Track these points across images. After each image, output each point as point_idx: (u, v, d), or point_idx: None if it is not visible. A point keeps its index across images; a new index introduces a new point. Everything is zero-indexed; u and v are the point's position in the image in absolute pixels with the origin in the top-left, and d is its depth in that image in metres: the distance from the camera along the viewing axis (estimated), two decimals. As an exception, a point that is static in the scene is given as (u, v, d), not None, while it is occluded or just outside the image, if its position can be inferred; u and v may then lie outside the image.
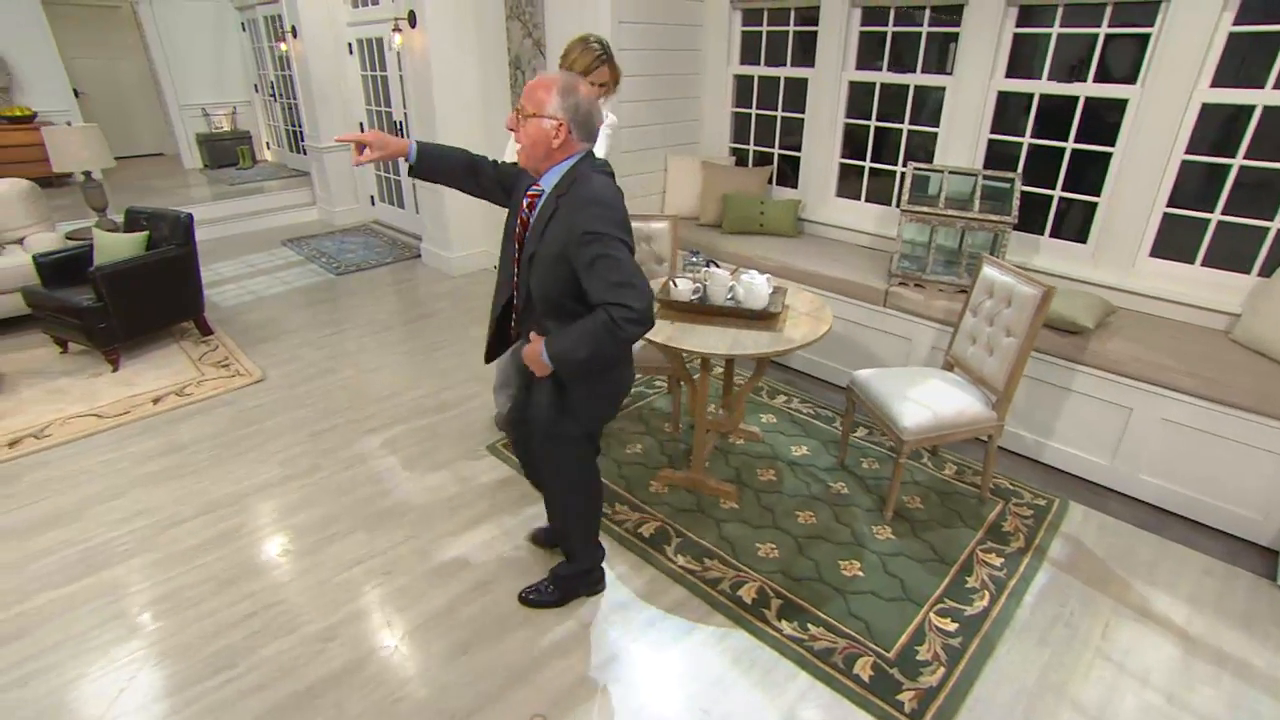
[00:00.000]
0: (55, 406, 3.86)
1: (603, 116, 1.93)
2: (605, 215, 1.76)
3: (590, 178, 1.83)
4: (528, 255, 1.90)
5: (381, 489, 3.05)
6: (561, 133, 1.79)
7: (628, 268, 1.75)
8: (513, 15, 4.70)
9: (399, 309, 5.12)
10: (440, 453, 3.32)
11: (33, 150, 8.28)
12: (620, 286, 1.72)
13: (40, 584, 2.56)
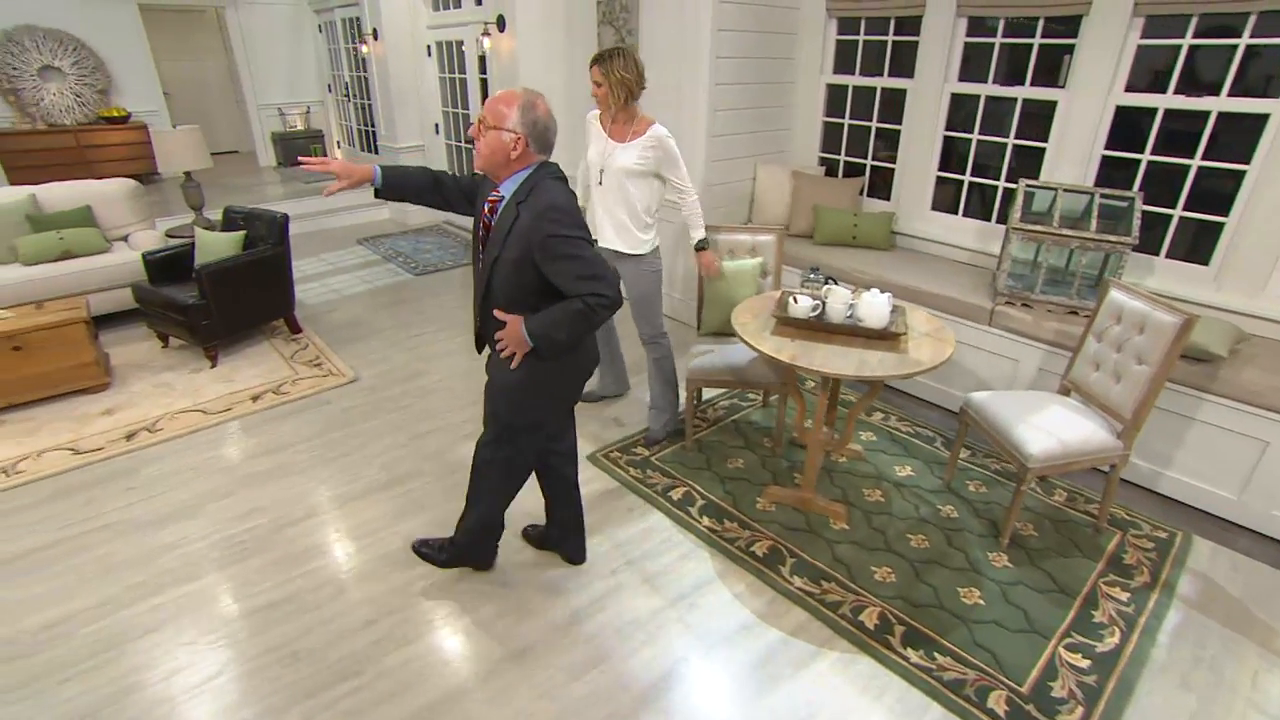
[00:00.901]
0: (163, 401, 3.98)
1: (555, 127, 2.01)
2: (565, 219, 1.91)
3: (547, 185, 1.96)
4: (491, 258, 2.03)
5: (485, 495, 3.07)
6: (519, 145, 1.94)
7: (593, 262, 1.93)
8: (605, 20, 4.70)
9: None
10: (542, 461, 3.33)
11: (127, 149, 8.62)
12: (590, 279, 1.91)
13: (170, 578, 2.64)
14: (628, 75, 3.01)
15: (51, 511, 3.04)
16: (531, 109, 1.94)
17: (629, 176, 3.15)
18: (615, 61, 3.02)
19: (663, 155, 3.14)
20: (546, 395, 2.22)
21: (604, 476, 3.22)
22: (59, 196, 5.11)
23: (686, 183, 3.22)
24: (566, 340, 2.01)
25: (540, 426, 2.29)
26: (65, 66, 8.34)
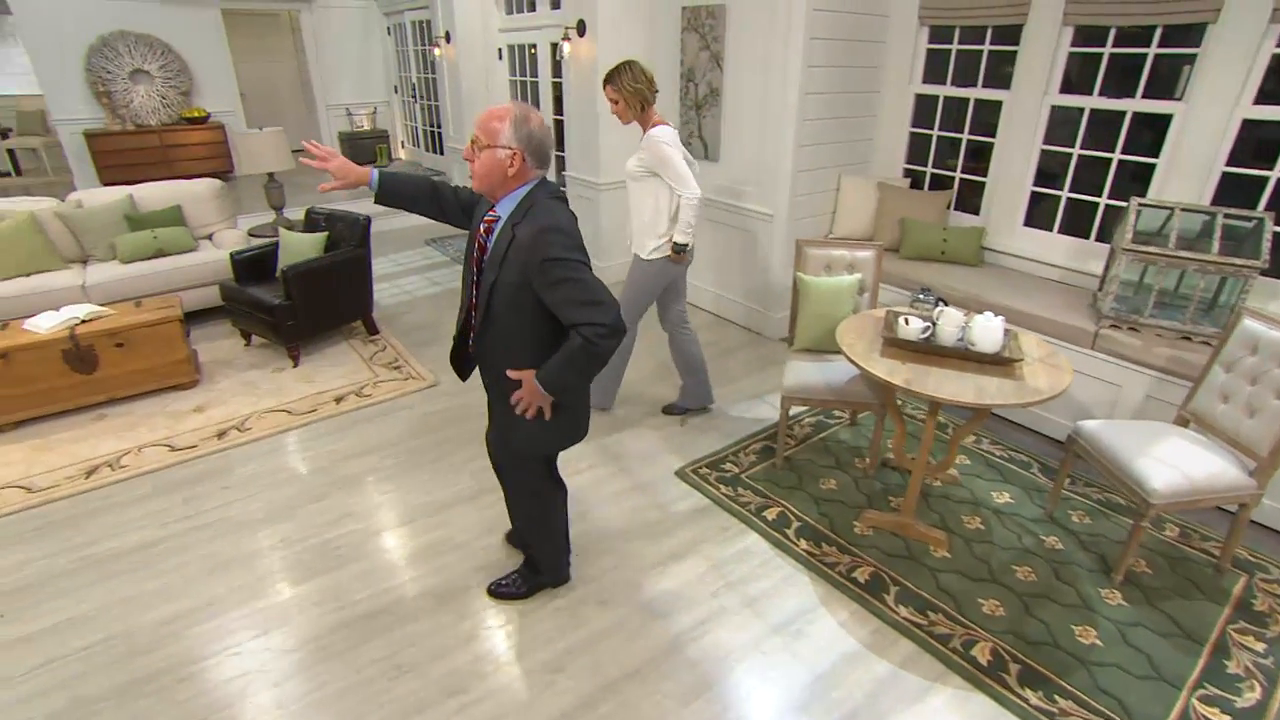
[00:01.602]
0: (250, 399, 4.06)
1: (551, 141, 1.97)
2: (563, 241, 1.83)
3: (546, 205, 1.90)
4: (488, 282, 1.96)
5: (579, 510, 3.05)
6: (516, 161, 1.87)
7: (590, 287, 1.84)
8: (690, 27, 4.66)
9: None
10: (628, 475, 3.31)
11: (205, 148, 8.90)
12: (588, 305, 1.82)
13: (272, 581, 2.67)
14: (639, 85, 3.14)
15: (155, 508, 3.12)
16: (525, 122, 1.87)
17: (631, 179, 3.29)
18: (624, 76, 3.12)
19: (653, 157, 3.19)
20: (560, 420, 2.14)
21: (694, 494, 3.17)
22: (152, 196, 5.26)
23: (680, 187, 3.20)
24: (576, 381, 1.97)
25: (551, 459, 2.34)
26: (153, 69, 8.64)
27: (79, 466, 3.44)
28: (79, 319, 3.91)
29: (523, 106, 1.90)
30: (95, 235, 4.95)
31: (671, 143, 3.19)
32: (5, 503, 3.18)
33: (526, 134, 1.87)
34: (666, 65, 4.98)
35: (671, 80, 4.97)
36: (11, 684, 2.27)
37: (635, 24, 5.08)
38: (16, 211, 4.76)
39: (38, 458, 3.53)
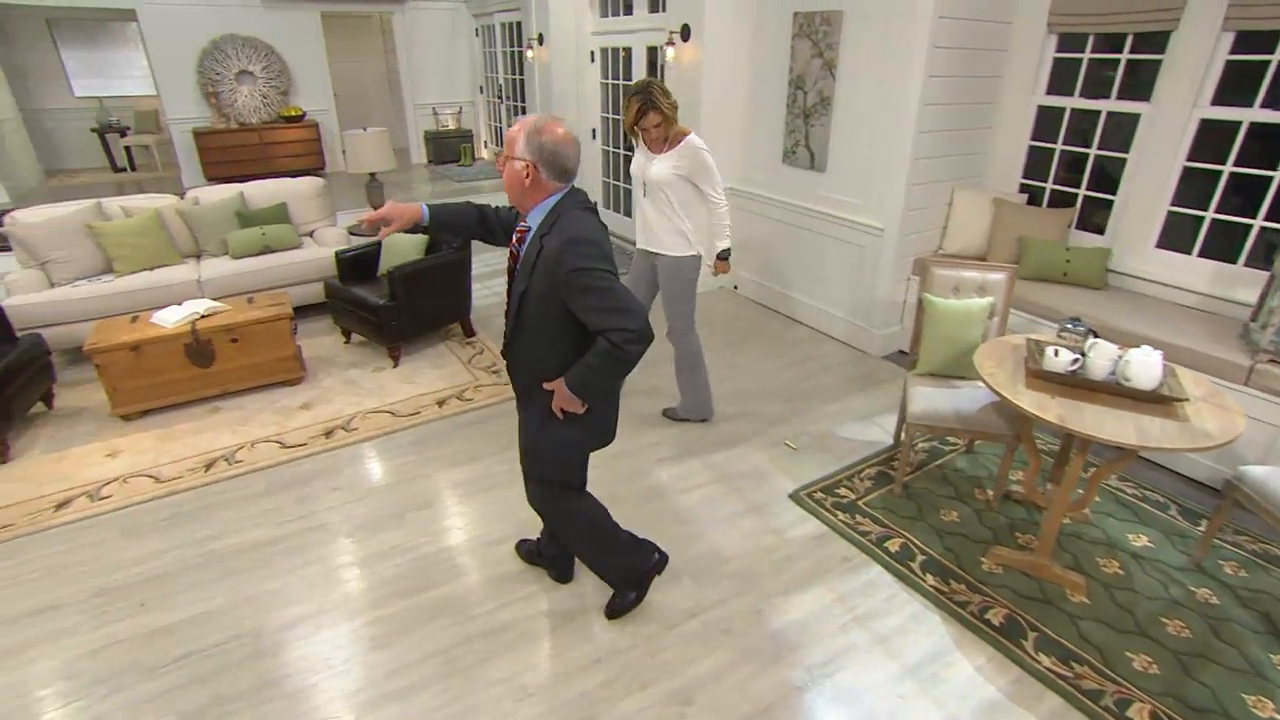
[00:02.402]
0: (353, 399, 4.13)
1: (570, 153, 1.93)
2: (587, 251, 1.85)
3: (573, 216, 1.92)
4: (519, 291, 2.01)
5: (690, 530, 2.98)
6: (530, 173, 1.89)
7: (618, 295, 1.86)
8: (802, 34, 4.53)
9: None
10: (740, 495, 3.22)
11: (300, 146, 9.19)
12: (614, 312, 1.85)
13: (389, 590, 2.68)
14: (674, 100, 3.26)
15: (270, 505, 3.18)
16: (538, 134, 1.88)
17: (665, 184, 3.32)
18: (660, 98, 3.18)
19: (695, 164, 3.28)
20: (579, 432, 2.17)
21: (810, 520, 3.07)
22: (260, 194, 5.43)
23: (717, 194, 3.36)
24: (605, 383, 1.99)
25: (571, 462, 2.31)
26: (257, 70, 8.96)
27: (199, 459, 3.55)
28: (199, 314, 4.04)
29: (542, 118, 1.91)
30: (209, 231, 5.13)
31: (709, 150, 3.31)
32: (138, 491, 3.30)
33: (538, 145, 1.88)
34: (773, 72, 4.87)
35: (778, 88, 4.86)
36: (156, 674, 2.32)
37: (742, 29, 4.98)
38: (143, 208, 4.97)
39: (163, 447, 3.66)
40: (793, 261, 5.13)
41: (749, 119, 5.25)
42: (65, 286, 4.56)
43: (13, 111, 9.40)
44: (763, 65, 4.97)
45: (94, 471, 3.46)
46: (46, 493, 3.31)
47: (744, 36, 5.01)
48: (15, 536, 3.02)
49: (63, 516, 3.14)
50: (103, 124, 10.13)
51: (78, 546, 2.95)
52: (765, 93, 5.02)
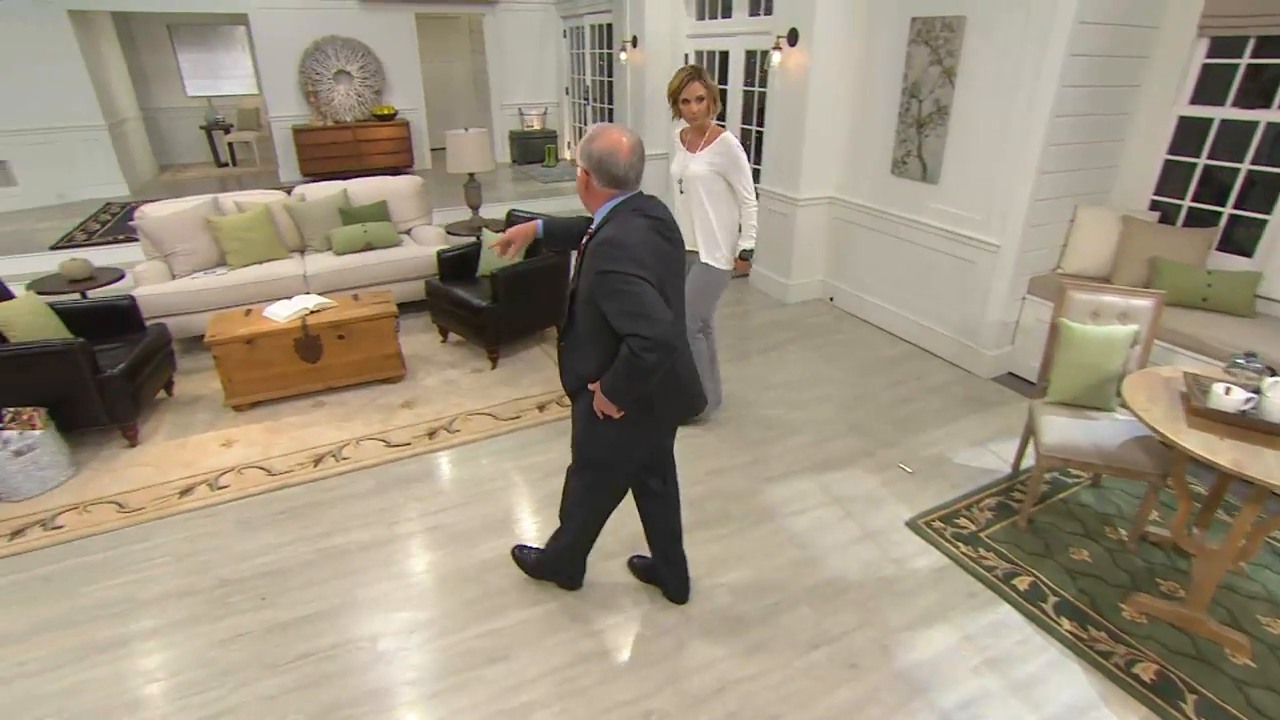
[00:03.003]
0: (454, 399, 4.16)
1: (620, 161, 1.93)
2: (616, 254, 1.86)
3: (621, 219, 1.93)
4: (570, 291, 2.10)
5: (807, 555, 2.87)
6: (585, 178, 1.96)
7: (641, 299, 1.83)
8: (920, 39, 4.35)
9: (741, 335, 5.01)
10: (855, 521, 3.09)
11: (391, 144, 9.41)
12: (634, 317, 1.83)
13: (504, 601, 2.65)
14: (718, 88, 3.27)
15: (379, 505, 3.21)
16: (590, 142, 1.93)
17: (702, 183, 3.34)
18: (707, 75, 3.22)
19: (728, 161, 3.29)
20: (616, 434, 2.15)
21: (931, 550, 2.92)
22: (362, 191, 5.55)
23: (747, 193, 3.37)
24: (628, 390, 1.96)
25: (608, 465, 2.28)
26: (354, 70, 9.23)
27: (307, 453, 3.62)
28: (308, 310, 4.14)
29: (598, 127, 1.95)
30: (314, 227, 5.27)
31: (741, 149, 3.32)
32: (252, 483, 3.39)
33: (588, 153, 1.93)
34: (886, 79, 4.70)
35: (890, 96, 4.68)
36: (278, 671, 2.36)
37: (854, 34, 4.83)
38: (255, 204, 5.14)
39: (272, 440, 3.76)
40: (895, 275, 4.94)
41: (854, 128, 5.08)
42: (185, 278, 4.75)
43: (135, 111, 9.94)
44: (873, 72, 4.80)
45: (212, 460, 3.58)
46: (171, 479, 3.43)
47: (853, 42, 4.86)
48: (146, 520, 3.13)
49: (186, 504, 3.25)
50: (210, 122, 10.62)
51: (200, 535, 3.04)
52: (874, 101, 4.84)
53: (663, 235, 1.97)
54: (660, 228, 1.97)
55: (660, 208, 2.01)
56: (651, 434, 2.23)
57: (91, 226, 7.20)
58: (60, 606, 2.65)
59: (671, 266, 2.00)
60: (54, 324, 3.74)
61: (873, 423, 3.87)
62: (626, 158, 1.92)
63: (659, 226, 1.97)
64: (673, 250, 2.02)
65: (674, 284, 2.02)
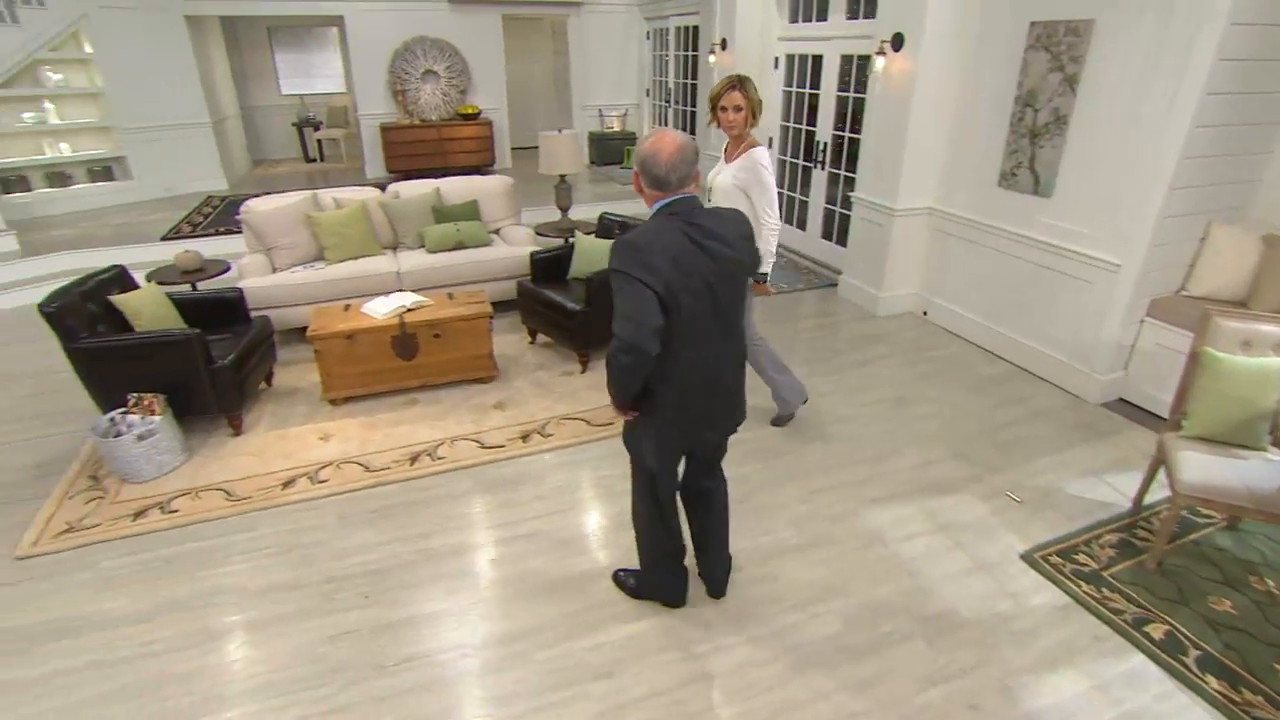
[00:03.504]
0: (545, 402, 4.15)
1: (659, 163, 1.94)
2: (622, 255, 1.89)
3: (654, 223, 1.98)
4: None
5: (918, 585, 2.74)
6: (637, 179, 2.01)
7: (624, 302, 1.89)
8: (1039, 45, 4.14)
9: (831, 348, 4.87)
10: (965, 550, 2.94)
11: (474, 142, 9.56)
12: (619, 317, 1.90)
13: (609, 615, 2.61)
14: (759, 98, 3.21)
15: (476, 508, 3.22)
16: (641, 142, 1.99)
17: (724, 195, 3.31)
18: (750, 86, 3.18)
19: (751, 178, 3.23)
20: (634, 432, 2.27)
21: (1049, 587, 2.75)
22: (455, 190, 5.62)
23: (766, 214, 3.27)
24: (611, 384, 2.04)
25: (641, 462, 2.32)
26: (440, 70, 9.43)
27: (403, 451, 3.67)
28: (406, 307, 4.20)
29: (652, 131, 2.04)
30: (407, 224, 5.36)
31: (770, 167, 3.27)
32: (350, 478, 3.44)
33: (636, 153, 2.00)
34: (996, 87, 4.49)
35: (1000, 104, 4.47)
36: (386, 673, 2.37)
37: (963, 40, 4.63)
38: (352, 200, 5.27)
39: (368, 435, 3.82)
40: (997, 291, 4.72)
41: (957, 137, 4.88)
42: (284, 271, 4.90)
43: (235, 109, 10.41)
44: (981, 79, 4.59)
45: (311, 453, 3.66)
46: (274, 469, 3.52)
47: (962, 48, 4.66)
48: (252, 510, 3.22)
49: (288, 495, 3.32)
50: (301, 119, 11.01)
51: (303, 528, 3.10)
52: (982, 109, 4.64)
53: (698, 244, 1.93)
54: (698, 235, 1.94)
55: (707, 215, 1.99)
56: (670, 436, 2.21)
57: (195, 219, 7.53)
58: (181, 590, 2.74)
59: (703, 276, 1.94)
60: (172, 314, 3.89)
61: (976, 446, 3.70)
62: (666, 161, 1.91)
63: (696, 234, 1.94)
64: (707, 260, 1.95)
65: (702, 292, 1.95)
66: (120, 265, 4.01)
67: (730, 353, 2.17)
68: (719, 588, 2.67)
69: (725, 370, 2.17)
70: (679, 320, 1.93)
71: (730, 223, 2.04)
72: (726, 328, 2.10)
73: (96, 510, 3.23)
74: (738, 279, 2.07)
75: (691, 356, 2.03)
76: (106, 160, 8.35)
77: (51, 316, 3.38)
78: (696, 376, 2.08)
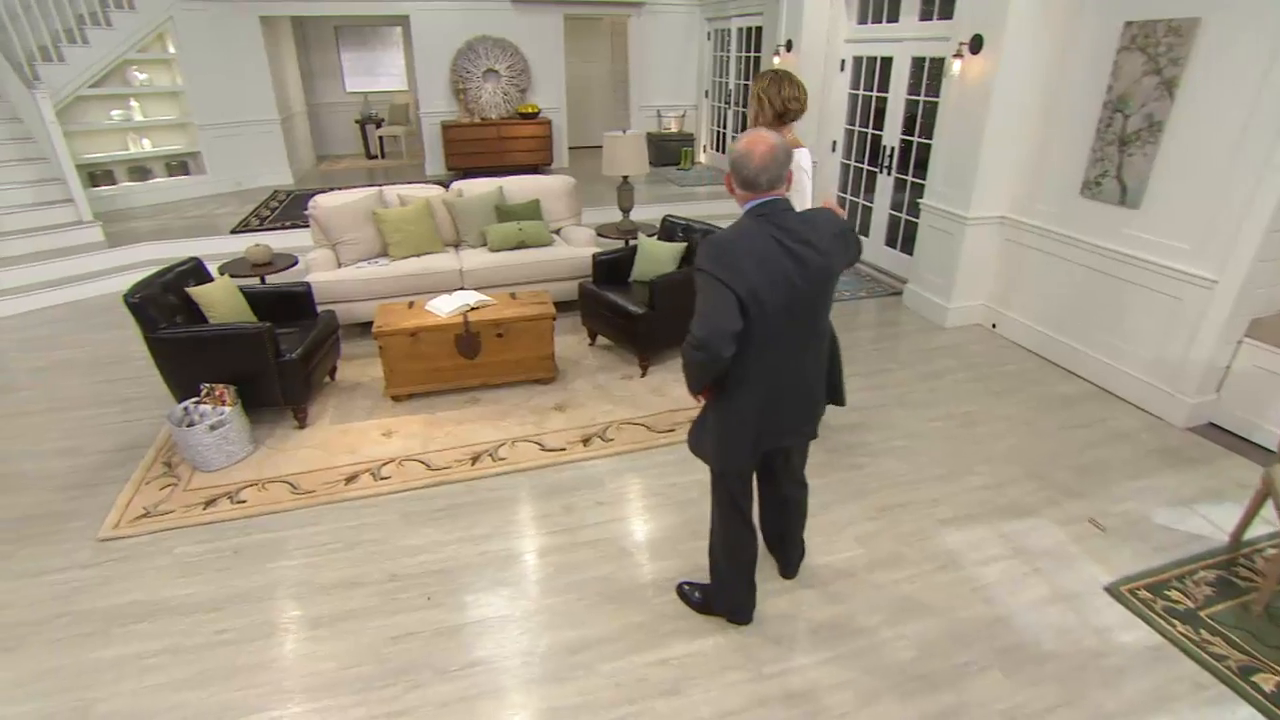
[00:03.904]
0: (605, 405, 4.11)
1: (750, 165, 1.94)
2: (707, 253, 1.92)
3: (741, 224, 1.99)
4: None
5: (995, 612, 2.62)
6: (729, 180, 2.02)
7: (703, 299, 1.90)
8: (1134, 47, 3.93)
9: (897, 359, 4.72)
10: (1044, 579, 2.80)
11: (533, 141, 9.61)
12: (697, 313, 1.90)
13: (672, 628, 2.56)
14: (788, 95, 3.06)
15: (537, 511, 3.20)
16: (734, 143, 1.99)
17: None
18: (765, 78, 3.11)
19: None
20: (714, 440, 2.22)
21: (1139, 625, 2.59)
22: (518, 189, 5.64)
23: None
24: (686, 373, 2.06)
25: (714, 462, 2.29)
26: (501, 69, 9.50)
27: (464, 450, 3.68)
28: (469, 306, 4.21)
29: (749, 132, 1.99)
30: (470, 222, 5.40)
31: (809, 170, 3.19)
32: (413, 476, 3.46)
33: (730, 153, 2.00)
34: (1082, 91, 4.28)
35: (1085, 109, 4.27)
36: (448, 677, 2.36)
37: (1047, 41, 4.44)
38: (416, 198, 5.32)
39: (429, 433, 3.84)
40: (1074, 306, 4.51)
41: (1036, 144, 4.67)
42: (350, 267, 4.97)
43: (302, 106, 10.71)
44: (1065, 83, 4.39)
45: (374, 449, 3.69)
46: (337, 464, 3.56)
47: (1046, 50, 4.46)
48: (317, 504, 3.26)
49: (352, 491, 3.35)
50: (364, 116, 11.24)
51: (366, 524, 3.12)
52: (1064, 115, 4.44)
53: (785, 247, 1.92)
54: (786, 238, 1.93)
55: (796, 218, 1.98)
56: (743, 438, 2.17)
57: (263, 212, 7.73)
58: (250, 581, 2.79)
59: (789, 280, 1.93)
60: (244, 307, 3.97)
61: (1053, 468, 3.53)
62: (757, 162, 1.92)
63: (784, 237, 1.93)
64: (794, 264, 1.93)
65: (786, 296, 1.94)
66: (196, 258, 4.12)
67: (813, 357, 2.17)
68: (792, 569, 2.77)
69: (807, 374, 2.18)
70: (760, 323, 1.92)
71: (821, 224, 2.01)
72: (810, 331, 2.10)
73: (170, 497, 3.31)
74: (826, 283, 2.04)
75: (772, 360, 2.03)
76: (183, 155, 8.65)
77: (135, 307, 3.48)
78: (776, 379, 2.08)
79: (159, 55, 8.25)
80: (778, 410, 2.15)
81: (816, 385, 2.26)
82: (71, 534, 3.09)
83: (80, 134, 7.63)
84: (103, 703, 2.29)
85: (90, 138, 7.87)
